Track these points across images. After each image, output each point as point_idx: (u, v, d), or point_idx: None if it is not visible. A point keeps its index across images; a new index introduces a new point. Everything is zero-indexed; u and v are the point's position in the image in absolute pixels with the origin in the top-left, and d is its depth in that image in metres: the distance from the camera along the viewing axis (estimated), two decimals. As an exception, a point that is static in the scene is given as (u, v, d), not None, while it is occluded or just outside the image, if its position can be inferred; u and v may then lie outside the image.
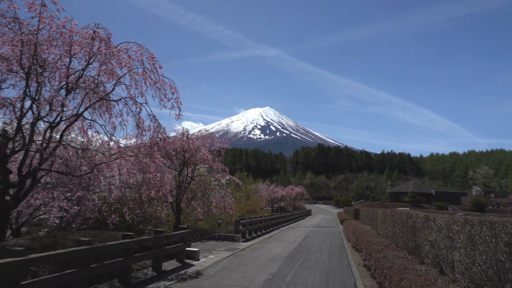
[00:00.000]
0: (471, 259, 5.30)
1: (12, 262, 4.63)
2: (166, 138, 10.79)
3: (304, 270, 9.66)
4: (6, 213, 9.00)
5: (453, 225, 6.08)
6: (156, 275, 8.50)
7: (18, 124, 8.97)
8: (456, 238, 5.94)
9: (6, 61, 8.23)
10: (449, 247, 6.32)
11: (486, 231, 4.76)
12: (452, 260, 6.24)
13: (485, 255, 4.87)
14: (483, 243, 4.93)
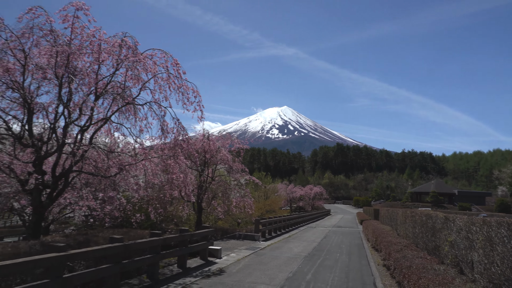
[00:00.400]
0: (490, 260, 5.41)
1: (56, 256, 5.07)
2: (189, 140, 11.19)
3: (324, 269, 9.87)
4: (42, 212, 9.60)
5: (472, 226, 6.19)
6: (181, 271, 8.90)
7: (52, 128, 9.54)
8: (474, 239, 6.04)
9: (42, 70, 8.79)
10: (468, 247, 6.41)
11: (503, 232, 4.88)
12: (471, 261, 6.34)
13: (503, 256, 4.99)
14: (501, 244, 5.04)
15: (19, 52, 8.28)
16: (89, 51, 9.41)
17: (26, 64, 8.42)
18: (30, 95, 9.17)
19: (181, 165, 11.83)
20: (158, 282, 7.65)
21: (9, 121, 9.36)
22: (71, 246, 7.23)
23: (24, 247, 6.82)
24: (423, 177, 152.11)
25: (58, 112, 9.45)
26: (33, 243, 7.46)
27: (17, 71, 8.77)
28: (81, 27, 8.94)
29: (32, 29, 8.04)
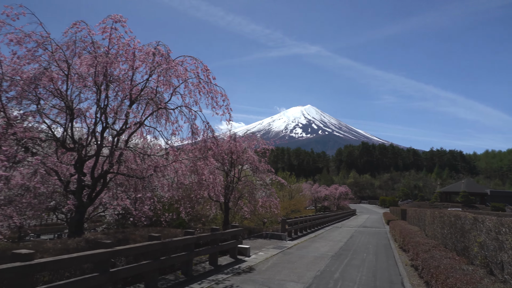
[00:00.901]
0: (519, 260, 5.47)
1: (104, 252, 5.56)
2: (219, 143, 11.61)
3: (351, 268, 10.03)
4: (83, 211, 10.27)
5: (501, 227, 6.23)
6: (213, 268, 9.31)
7: (92, 132, 10.19)
8: (504, 240, 6.09)
9: (82, 78, 9.43)
10: (498, 248, 6.45)
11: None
12: (501, 262, 6.38)
13: (532, 256, 5.05)
14: (530, 244, 5.11)
15: (63, 63, 8.92)
16: (124, 59, 10.00)
17: (69, 74, 9.05)
18: (71, 102, 9.83)
19: (210, 167, 12.28)
20: (192, 278, 8.08)
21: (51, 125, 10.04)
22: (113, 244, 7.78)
23: (72, 244, 7.40)
24: (452, 176, 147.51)
25: (97, 117, 10.08)
26: (79, 240, 8.06)
27: (60, 80, 9.44)
28: (117, 37, 9.50)
29: (75, 42, 8.66)
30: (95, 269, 5.65)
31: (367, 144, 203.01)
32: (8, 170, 6.62)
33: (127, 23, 9.13)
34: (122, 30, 9.21)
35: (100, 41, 9.38)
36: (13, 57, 8.02)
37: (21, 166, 7.90)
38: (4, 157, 6.45)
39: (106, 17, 8.81)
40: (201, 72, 10.21)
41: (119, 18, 8.88)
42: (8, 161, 6.64)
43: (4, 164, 6.33)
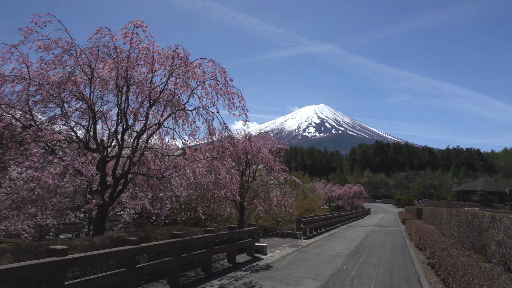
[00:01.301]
0: (537, 258, 5.52)
1: (131, 249, 5.84)
2: (236, 144, 11.84)
3: (367, 266, 10.13)
4: (105, 210, 10.63)
5: (519, 225, 6.27)
6: (231, 266, 9.55)
7: (113, 133, 10.54)
8: (521, 238, 6.13)
9: (104, 82, 9.78)
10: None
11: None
12: (519, 259, 6.42)
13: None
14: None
15: (86, 67, 9.28)
16: (143, 62, 10.32)
17: (92, 78, 9.41)
18: (93, 104, 10.20)
19: (227, 166, 12.54)
20: (212, 275, 8.33)
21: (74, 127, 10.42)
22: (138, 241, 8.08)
23: (97, 241, 7.73)
24: (470, 175, 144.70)
25: (118, 119, 10.43)
26: (104, 238, 8.40)
27: (83, 83, 9.81)
28: (138, 41, 9.82)
29: (98, 47, 9.01)
30: (122, 264, 5.94)
31: (381, 143, 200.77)
32: (40, 171, 6.97)
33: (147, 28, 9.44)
34: (142, 34, 9.53)
35: (121, 45, 9.73)
36: (41, 63, 8.38)
37: (51, 167, 8.27)
38: (36, 159, 6.80)
39: (127, 23, 9.15)
40: (219, 74, 10.45)
41: (140, 24, 9.19)
42: (39, 162, 7.00)
43: (36, 166, 6.68)
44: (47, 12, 8.40)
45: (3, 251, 6.10)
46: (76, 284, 4.87)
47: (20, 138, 9.68)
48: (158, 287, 6.95)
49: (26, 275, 4.61)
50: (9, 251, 6.02)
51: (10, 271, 3.99)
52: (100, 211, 10.45)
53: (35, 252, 6.11)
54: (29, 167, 6.48)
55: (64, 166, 7.94)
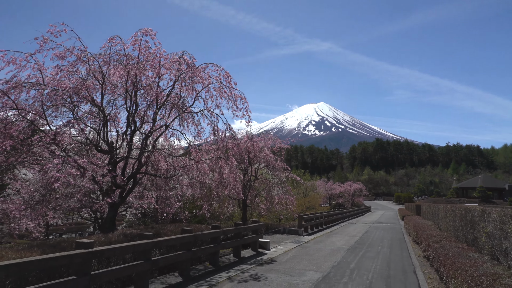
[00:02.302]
0: (519, 247, 6.04)
1: (148, 242, 6.37)
2: (240, 144, 12.35)
3: (366, 260, 10.66)
4: (116, 209, 11.15)
5: (504, 217, 6.79)
6: (237, 260, 10.08)
7: (123, 135, 11.06)
8: (507, 229, 6.65)
9: (115, 87, 10.29)
10: (502, 237, 7.01)
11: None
12: (505, 249, 6.94)
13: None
14: (528, 232, 5.68)
15: (98, 74, 9.79)
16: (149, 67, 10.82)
17: (103, 83, 9.92)
18: (103, 108, 10.71)
19: (231, 166, 13.06)
20: (220, 268, 8.86)
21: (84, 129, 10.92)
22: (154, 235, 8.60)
23: (113, 237, 8.26)
24: (469, 171, 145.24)
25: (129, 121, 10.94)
26: (118, 234, 8.94)
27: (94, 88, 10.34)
28: (145, 47, 10.34)
29: (110, 54, 9.52)
30: (139, 257, 6.46)
31: (381, 141, 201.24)
32: (62, 172, 7.49)
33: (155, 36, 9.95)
34: (151, 41, 10.04)
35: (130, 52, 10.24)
36: (57, 71, 8.89)
37: (71, 168, 8.78)
38: (58, 161, 7.32)
39: (137, 31, 9.66)
40: (223, 78, 10.96)
41: (149, 32, 9.71)
42: (61, 164, 7.52)
43: (58, 167, 7.20)
44: (62, 22, 8.91)
45: (30, 246, 6.63)
46: (100, 274, 5.40)
47: (34, 141, 10.27)
48: (170, 279, 7.48)
49: (59, 265, 5.12)
50: (35, 246, 6.55)
51: (47, 261, 4.51)
52: (111, 210, 10.98)
53: (59, 247, 6.63)
54: (52, 169, 6.99)
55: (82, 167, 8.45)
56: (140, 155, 11.06)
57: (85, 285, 5.04)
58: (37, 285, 4.43)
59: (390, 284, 7.60)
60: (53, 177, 7.08)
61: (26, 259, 4.35)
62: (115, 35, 9.39)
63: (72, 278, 4.87)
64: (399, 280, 8.02)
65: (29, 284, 4.87)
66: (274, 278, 7.89)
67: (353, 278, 8.06)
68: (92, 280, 5.15)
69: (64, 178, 7.20)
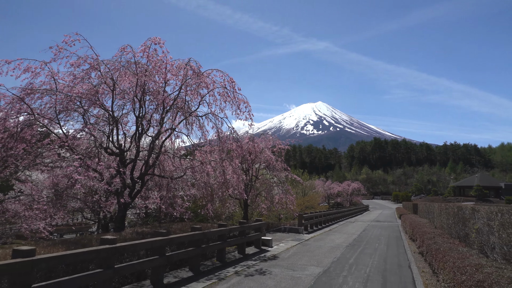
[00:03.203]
0: (503, 241, 6.62)
1: (163, 239, 6.90)
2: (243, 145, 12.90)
3: (364, 256, 11.23)
4: (126, 209, 11.67)
5: (491, 214, 7.37)
6: (242, 257, 10.62)
7: (132, 138, 11.58)
8: (492, 225, 7.23)
9: (124, 92, 10.81)
10: (489, 232, 7.59)
11: (509, 217, 6.10)
12: (492, 243, 7.52)
13: (510, 237, 6.20)
14: (510, 228, 6.25)
15: (109, 80, 10.31)
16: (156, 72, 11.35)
17: (114, 89, 10.45)
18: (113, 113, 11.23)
19: (234, 167, 13.61)
20: (226, 264, 9.40)
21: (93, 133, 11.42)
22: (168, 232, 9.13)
23: (127, 235, 8.80)
24: (467, 170, 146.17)
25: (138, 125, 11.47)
26: (131, 232, 9.48)
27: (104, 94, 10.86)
28: (153, 54, 10.86)
29: (121, 62, 10.05)
30: (155, 253, 6.99)
31: (379, 140, 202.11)
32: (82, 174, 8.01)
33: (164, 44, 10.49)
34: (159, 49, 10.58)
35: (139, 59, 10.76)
36: (72, 79, 9.42)
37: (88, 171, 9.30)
38: (78, 164, 7.85)
39: (147, 39, 10.20)
40: (228, 84, 11.50)
41: (158, 41, 10.25)
42: (81, 167, 8.05)
43: (78, 170, 7.73)
44: (76, 32, 9.44)
45: (54, 243, 7.15)
46: (123, 267, 5.93)
47: (45, 144, 10.83)
48: (182, 273, 8.01)
49: (88, 259, 5.65)
50: (58, 243, 7.07)
51: (79, 254, 5.05)
52: (121, 210, 11.51)
53: (80, 244, 7.16)
54: (73, 171, 7.52)
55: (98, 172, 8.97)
56: (148, 157, 11.60)
57: (110, 277, 5.57)
58: (69, 277, 4.96)
59: (386, 277, 8.16)
60: (74, 179, 7.60)
61: (63, 252, 4.88)
62: (126, 44, 9.93)
63: (99, 271, 5.40)
64: (395, 274, 8.58)
65: (56, 277, 5.38)
66: (278, 272, 8.44)
67: (351, 272, 8.62)
68: (116, 273, 5.68)
69: (84, 180, 7.71)
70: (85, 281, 5.10)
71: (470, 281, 4.58)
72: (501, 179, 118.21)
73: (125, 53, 9.97)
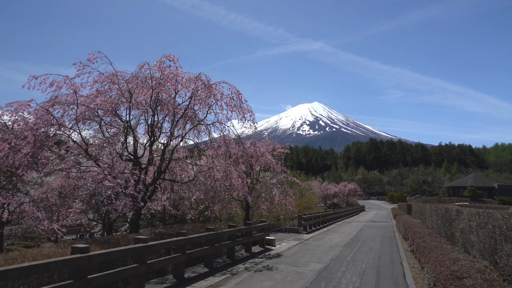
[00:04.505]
0: (480, 239, 7.65)
1: (184, 239, 7.86)
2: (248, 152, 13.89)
3: (360, 253, 12.25)
4: (140, 211, 12.59)
5: (471, 215, 8.39)
6: (249, 255, 11.60)
7: (147, 145, 12.52)
8: (472, 225, 8.26)
9: (140, 104, 11.75)
10: (470, 232, 8.62)
11: (483, 218, 7.13)
12: (472, 242, 8.55)
13: (484, 236, 7.23)
14: (485, 227, 7.28)
15: (126, 93, 11.25)
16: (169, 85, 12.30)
17: (131, 102, 11.38)
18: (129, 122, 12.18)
19: (239, 172, 14.60)
20: (236, 261, 10.37)
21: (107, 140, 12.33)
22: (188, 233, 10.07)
23: (148, 235, 9.73)
24: (462, 170, 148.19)
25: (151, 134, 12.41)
26: (149, 233, 10.42)
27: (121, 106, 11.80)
28: (165, 67, 11.81)
29: (138, 77, 11.00)
30: (177, 251, 7.95)
31: (375, 141, 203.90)
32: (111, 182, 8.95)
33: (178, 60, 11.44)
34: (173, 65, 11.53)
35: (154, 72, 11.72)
36: (96, 94, 10.36)
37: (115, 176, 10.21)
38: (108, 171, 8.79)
39: (162, 56, 11.17)
40: (235, 95, 12.46)
41: (172, 58, 11.22)
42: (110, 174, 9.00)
43: (108, 178, 8.67)
44: (98, 51, 10.38)
45: (90, 242, 8.08)
46: (154, 262, 6.89)
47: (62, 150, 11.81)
48: (199, 269, 8.98)
49: (127, 255, 6.60)
50: (93, 243, 8.00)
51: (121, 251, 5.99)
52: (136, 213, 12.44)
53: (109, 243, 8.09)
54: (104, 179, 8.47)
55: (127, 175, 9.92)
56: (161, 163, 12.55)
57: (144, 271, 6.53)
58: (115, 270, 5.91)
59: (380, 272, 9.17)
60: (105, 186, 8.55)
61: (111, 249, 5.84)
62: (145, 61, 10.90)
63: (136, 266, 6.36)
64: (388, 269, 9.60)
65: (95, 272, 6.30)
66: (283, 268, 9.42)
67: (349, 268, 9.62)
68: (149, 267, 6.64)
69: (114, 186, 8.67)
70: (126, 274, 6.06)
71: (447, 271, 5.57)
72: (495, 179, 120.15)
73: (144, 69, 10.91)
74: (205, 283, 7.65)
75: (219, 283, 7.71)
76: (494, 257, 6.68)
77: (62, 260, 4.84)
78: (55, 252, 6.63)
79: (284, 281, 8.00)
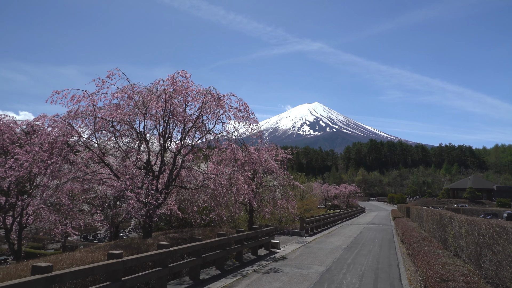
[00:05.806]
0: (467, 244, 8.44)
1: (200, 244, 8.66)
2: (254, 159, 14.69)
3: (360, 256, 13.03)
4: (152, 216, 13.38)
5: (461, 222, 9.19)
6: (256, 258, 12.39)
7: (158, 154, 13.31)
8: (462, 231, 9.05)
9: (154, 117, 12.55)
10: (459, 238, 9.41)
11: (470, 226, 7.92)
12: (462, 247, 9.34)
13: (471, 241, 8.02)
14: (472, 234, 8.07)
15: (141, 107, 12.05)
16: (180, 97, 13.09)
17: (145, 113, 12.18)
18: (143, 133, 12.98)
19: (245, 178, 15.39)
20: (244, 264, 11.16)
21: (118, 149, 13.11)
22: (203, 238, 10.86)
23: (162, 240, 10.52)
24: (462, 171, 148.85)
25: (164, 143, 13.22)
26: (164, 238, 11.20)
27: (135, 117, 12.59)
28: (177, 81, 12.61)
29: (153, 92, 11.81)
30: (194, 255, 8.73)
31: (375, 141, 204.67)
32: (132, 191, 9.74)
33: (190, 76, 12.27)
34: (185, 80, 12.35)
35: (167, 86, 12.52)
36: (116, 109, 11.17)
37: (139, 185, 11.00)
38: (129, 182, 9.60)
39: (175, 72, 12.01)
40: (242, 108, 13.26)
41: (185, 74, 12.07)
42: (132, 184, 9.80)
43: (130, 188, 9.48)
44: (116, 68, 11.19)
45: (113, 246, 8.87)
46: (175, 265, 7.69)
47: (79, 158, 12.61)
48: (211, 271, 9.77)
49: (153, 260, 7.39)
50: (116, 248, 8.79)
51: (149, 256, 6.78)
52: (149, 217, 13.23)
53: (131, 247, 8.88)
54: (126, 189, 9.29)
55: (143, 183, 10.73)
56: (172, 170, 13.35)
57: (167, 273, 7.33)
58: (143, 272, 6.69)
59: (378, 274, 9.96)
60: (127, 196, 9.36)
61: (141, 254, 6.63)
62: (159, 78, 11.72)
63: (159, 269, 7.15)
64: (385, 271, 10.39)
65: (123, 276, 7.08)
66: (289, 270, 10.22)
67: (349, 270, 10.41)
68: (170, 270, 7.44)
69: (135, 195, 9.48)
70: (152, 276, 6.86)
71: (435, 274, 6.35)
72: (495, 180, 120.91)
73: (157, 84, 11.75)
74: (219, 284, 8.45)
75: (231, 284, 8.50)
76: (479, 262, 7.48)
77: (103, 265, 5.63)
78: (86, 257, 7.43)
79: (291, 282, 8.79)
